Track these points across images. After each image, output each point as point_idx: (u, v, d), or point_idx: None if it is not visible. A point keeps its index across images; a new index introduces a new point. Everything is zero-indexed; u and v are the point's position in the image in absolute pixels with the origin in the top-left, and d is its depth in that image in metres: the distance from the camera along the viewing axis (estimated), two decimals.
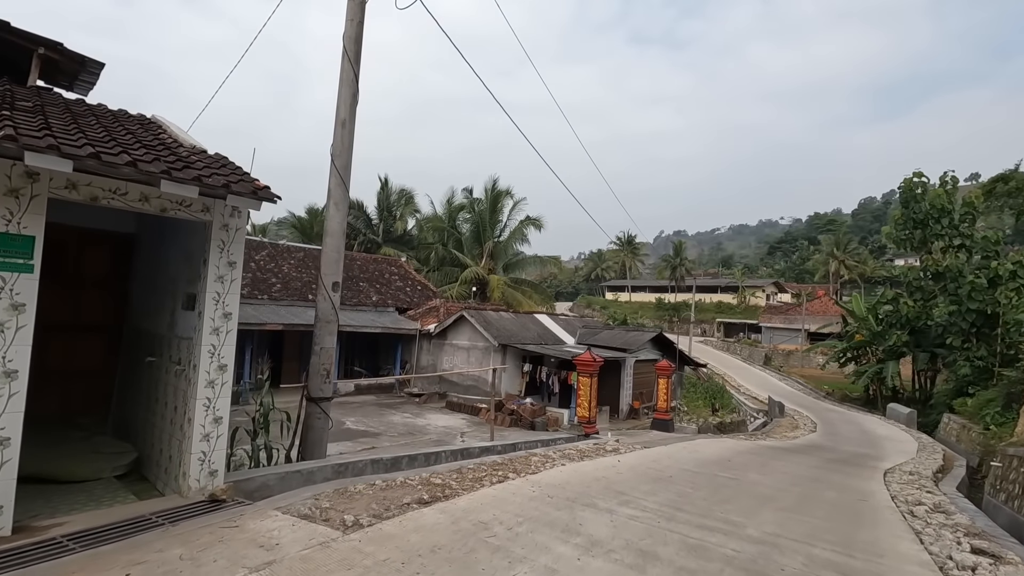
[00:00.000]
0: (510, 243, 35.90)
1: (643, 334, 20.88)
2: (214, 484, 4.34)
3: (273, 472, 5.07)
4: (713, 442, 12.92)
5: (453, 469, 6.05)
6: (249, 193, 4.11)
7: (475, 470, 6.12)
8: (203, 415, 4.28)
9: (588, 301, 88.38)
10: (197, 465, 4.27)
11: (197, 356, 4.29)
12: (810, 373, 43.66)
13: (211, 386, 4.32)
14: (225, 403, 4.42)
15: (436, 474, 5.73)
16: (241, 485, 4.66)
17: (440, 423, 16.29)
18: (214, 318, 4.32)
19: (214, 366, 4.34)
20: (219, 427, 4.38)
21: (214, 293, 4.32)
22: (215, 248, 4.33)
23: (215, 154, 5.05)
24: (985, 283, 25.94)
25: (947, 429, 24.54)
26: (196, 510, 3.98)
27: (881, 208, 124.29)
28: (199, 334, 4.31)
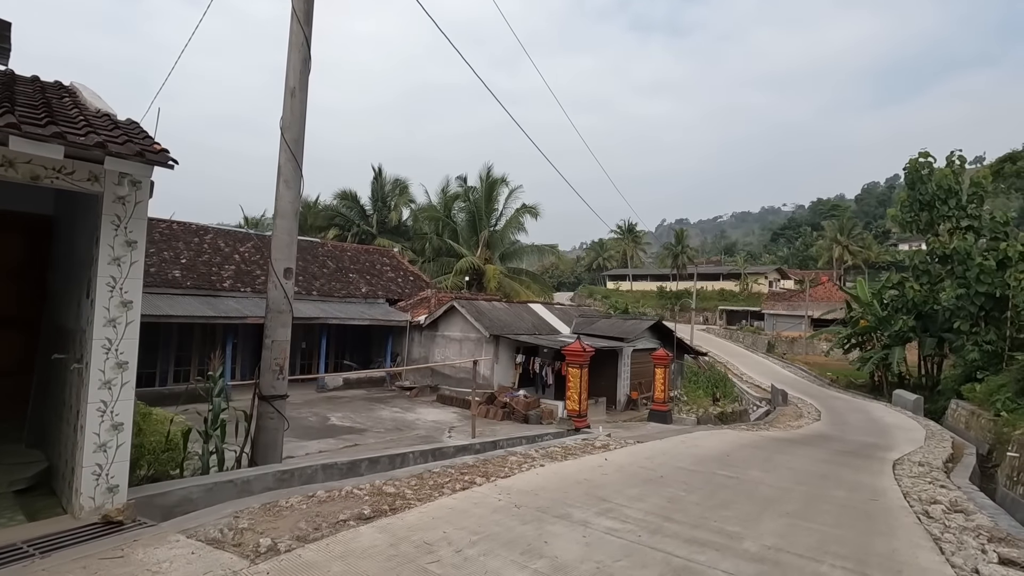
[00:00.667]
0: (506, 232, 35.16)
1: (641, 322, 20.19)
2: (113, 502, 3.72)
3: (198, 483, 4.44)
4: (713, 434, 12.29)
5: (415, 474, 5.41)
6: (134, 155, 3.44)
7: (440, 475, 5.48)
8: (97, 421, 3.65)
9: (589, 291, 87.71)
10: (91, 480, 3.64)
11: (89, 352, 3.65)
12: (814, 360, 42.98)
13: (107, 387, 3.69)
14: (127, 407, 3.78)
15: (393, 481, 5.09)
16: (156, 500, 4.03)
17: (430, 418, 15.69)
18: (109, 307, 3.68)
19: (110, 364, 3.70)
20: (119, 435, 3.74)
21: (108, 278, 3.67)
22: (108, 225, 3.67)
23: (126, 120, 4.37)
24: (994, 265, 25.13)
25: (955, 416, 23.87)
26: (83, 535, 3.36)
27: (885, 193, 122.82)
28: (91, 326, 3.66)
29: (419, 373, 19.80)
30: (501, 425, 15.00)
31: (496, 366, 17.76)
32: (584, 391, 10.61)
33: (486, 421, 15.77)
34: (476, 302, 19.32)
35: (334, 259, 23.53)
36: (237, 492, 4.56)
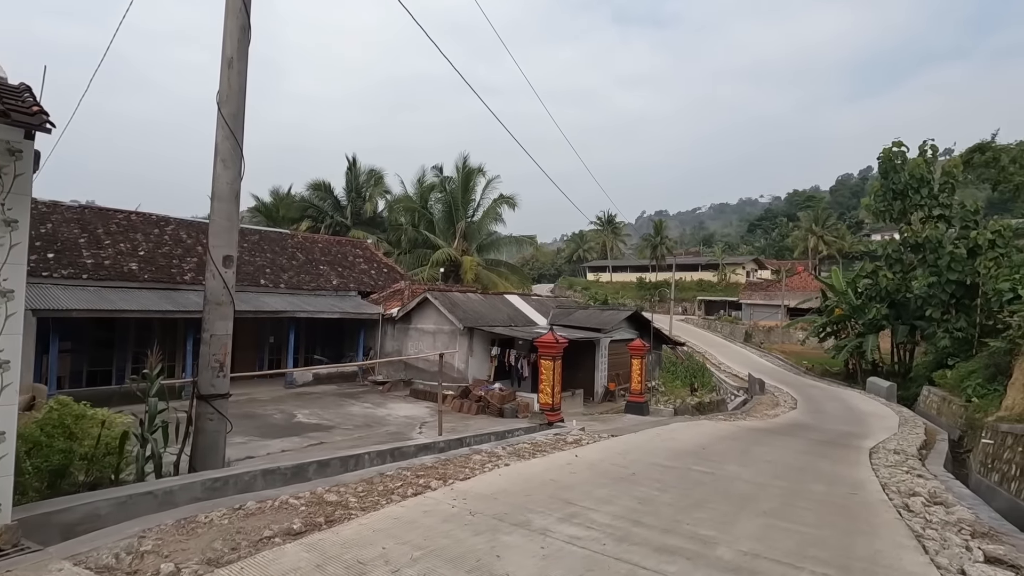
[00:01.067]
0: (484, 223, 34.64)
1: (618, 313, 19.92)
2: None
3: (107, 498, 3.93)
4: (690, 426, 12.05)
5: (365, 479, 4.95)
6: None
7: (393, 478, 5.03)
8: None
9: (569, 282, 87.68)
10: None
11: None
12: (790, 349, 43.44)
13: None
14: (8, 413, 3.25)
15: (338, 487, 4.63)
16: (55, 519, 3.53)
17: (402, 413, 15.20)
18: None
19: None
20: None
21: None
22: None
23: (19, 84, 3.80)
24: (964, 253, 25.47)
25: (927, 402, 24.19)
26: None
27: (858, 184, 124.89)
28: None
29: (392, 367, 19.28)
30: (475, 420, 14.60)
31: (471, 359, 17.32)
32: (557, 384, 10.24)
33: (460, 416, 15.35)
34: (450, 294, 18.83)
35: (304, 251, 22.78)
36: (157, 505, 4.06)
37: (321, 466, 5.41)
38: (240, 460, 9.54)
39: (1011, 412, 10.54)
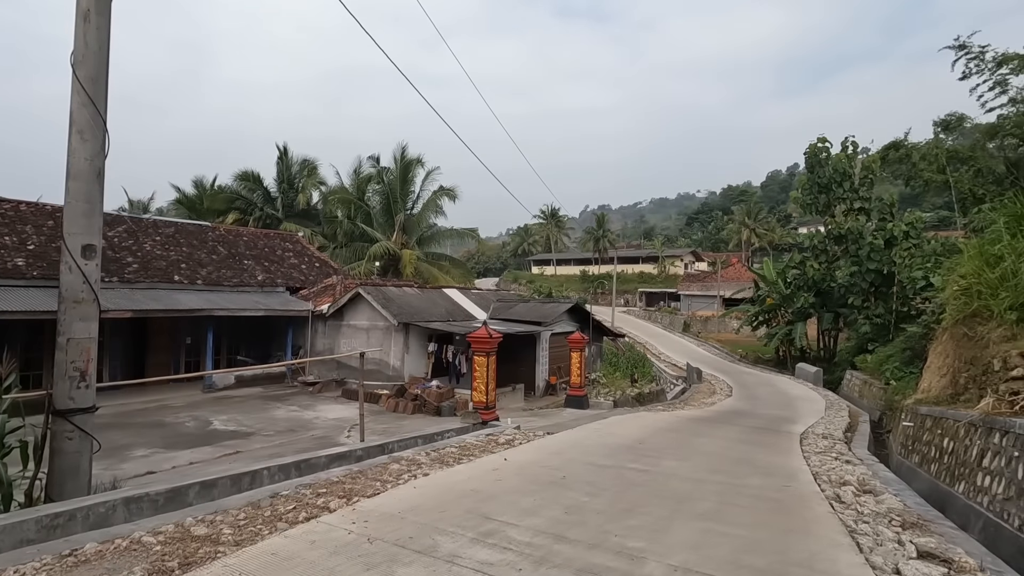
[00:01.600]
0: (424, 215, 33.69)
1: (559, 306, 19.69)
2: None
3: None
4: (628, 419, 11.89)
5: (253, 502, 4.26)
6: None
7: (287, 500, 4.36)
8: None
9: (514, 276, 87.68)
10: None
11: None
12: (726, 338, 45.01)
13: None
14: None
15: (216, 515, 3.92)
16: None
17: (331, 415, 14.30)
18: None
19: None
20: None
21: None
22: None
23: None
24: (882, 244, 26.95)
25: (850, 385, 25.48)
26: None
27: (786, 180, 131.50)
28: None
29: (324, 367, 18.24)
30: (410, 420, 13.93)
31: (407, 356, 16.58)
32: (492, 381, 9.76)
33: (395, 416, 14.63)
34: (384, 288, 17.96)
35: (227, 244, 21.21)
36: None
37: (205, 488, 4.65)
38: (133, 478, 8.50)
39: (928, 395, 10.94)
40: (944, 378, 10.65)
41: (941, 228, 42.22)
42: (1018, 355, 7.41)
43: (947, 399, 9.71)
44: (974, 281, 10.08)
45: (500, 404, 16.66)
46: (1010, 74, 26.11)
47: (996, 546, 5.24)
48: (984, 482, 6.03)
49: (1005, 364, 7.54)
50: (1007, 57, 25.83)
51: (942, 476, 7.57)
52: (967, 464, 6.69)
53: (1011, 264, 9.40)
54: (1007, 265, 9.54)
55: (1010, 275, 9.20)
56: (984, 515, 5.73)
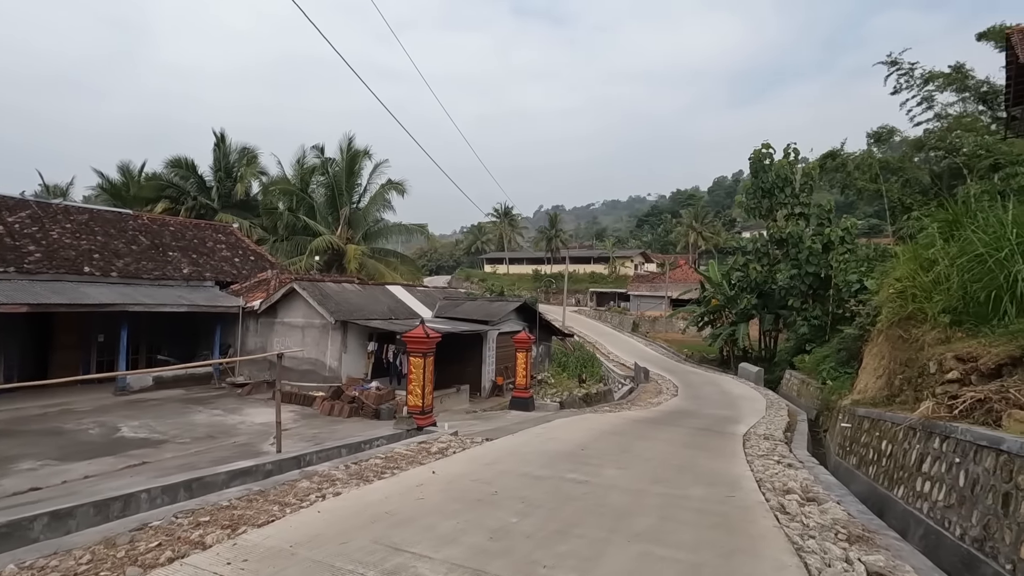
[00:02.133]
0: (371, 209, 32.51)
1: (506, 304, 19.21)
2: None
3: None
4: (573, 421, 11.52)
5: (109, 538, 3.50)
6: None
7: (155, 532, 3.63)
8: None
9: (467, 274, 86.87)
10: None
11: None
12: (672, 337, 45.86)
13: None
14: None
15: (53, 557, 3.16)
16: None
17: (259, 419, 13.25)
18: None
19: None
20: None
21: None
22: None
23: None
24: (820, 248, 27.93)
25: (789, 384, 26.26)
26: None
27: (732, 185, 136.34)
28: None
29: (256, 367, 17.05)
30: (345, 424, 13.07)
31: (344, 356, 15.67)
32: (428, 384, 9.12)
33: (329, 420, 13.73)
34: (322, 284, 16.95)
35: (150, 234, 19.57)
36: None
37: (57, 520, 3.84)
38: (12, 496, 7.39)
39: (864, 396, 11.08)
40: (880, 379, 10.83)
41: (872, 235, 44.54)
42: (953, 358, 7.45)
43: (883, 401, 9.82)
44: (909, 284, 10.25)
45: (444, 406, 16.03)
46: (936, 91, 27.54)
47: (937, 555, 5.10)
48: (924, 488, 5.92)
49: (941, 367, 7.57)
50: (933, 75, 27.22)
51: (880, 479, 7.52)
52: (906, 468, 6.62)
53: (944, 268, 9.59)
54: (940, 269, 9.74)
55: (943, 279, 9.36)
56: (925, 522, 5.61)
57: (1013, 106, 15.91)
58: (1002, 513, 4.38)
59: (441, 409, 15.64)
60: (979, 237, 8.76)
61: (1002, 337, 6.99)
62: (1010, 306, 7.18)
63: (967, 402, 5.90)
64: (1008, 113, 16.68)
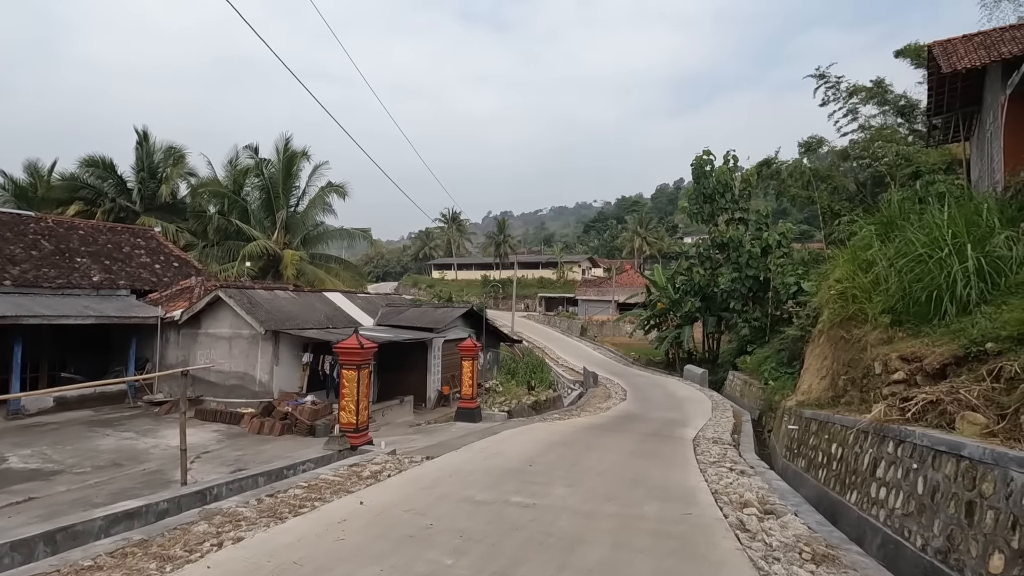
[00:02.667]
0: (310, 213, 31.01)
1: (452, 310, 18.51)
2: None
3: None
4: (521, 432, 10.99)
5: None
6: None
7: None
8: None
9: (414, 280, 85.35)
10: None
11: None
12: (620, 341, 46.33)
13: None
14: None
15: None
16: None
17: (175, 442, 11.92)
18: None
19: None
20: None
21: None
22: None
23: None
24: (759, 252, 28.78)
25: (732, 385, 26.83)
26: None
27: (674, 193, 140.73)
28: None
29: (177, 383, 15.56)
30: (275, 443, 12.01)
31: (276, 368, 14.53)
32: (364, 398, 8.35)
33: (258, 439, 12.61)
34: (251, 291, 15.72)
35: (54, 239, 17.66)
36: None
37: None
38: None
39: (808, 396, 11.13)
40: (824, 380, 10.90)
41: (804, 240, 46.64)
42: (898, 358, 7.42)
43: (828, 402, 9.83)
44: (848, 286, 10.36)
45: (386, 419, 15.15)
46: (860, 103, 29.07)
47: (897, 566, 4.87)
48: (879, 494, 5.74)
49: (886, 367, 7.53)
50: (857, 88, 28.72)
51: (831, 483, 7.39)
52: (859, 473, 6.47)
53: (882, 269, 9.73)
54: (878, 270, 9.87)
55: (883, 280, 9.48)
56: (882, 531, 5.40)
57: (934, 115, 16.73)
58: (966, 523, 4.16)
59: (383, 423, 14.77)
60: (917, 237, 8.88)
61: (944, 336, 6.96)
62: (950, 305, 7.19)
63: (919, 404, 5.76)
64: (929, 122, 17.52)
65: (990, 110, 14.22)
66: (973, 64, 13.02)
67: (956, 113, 16.57)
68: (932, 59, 14.95)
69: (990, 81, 14.61)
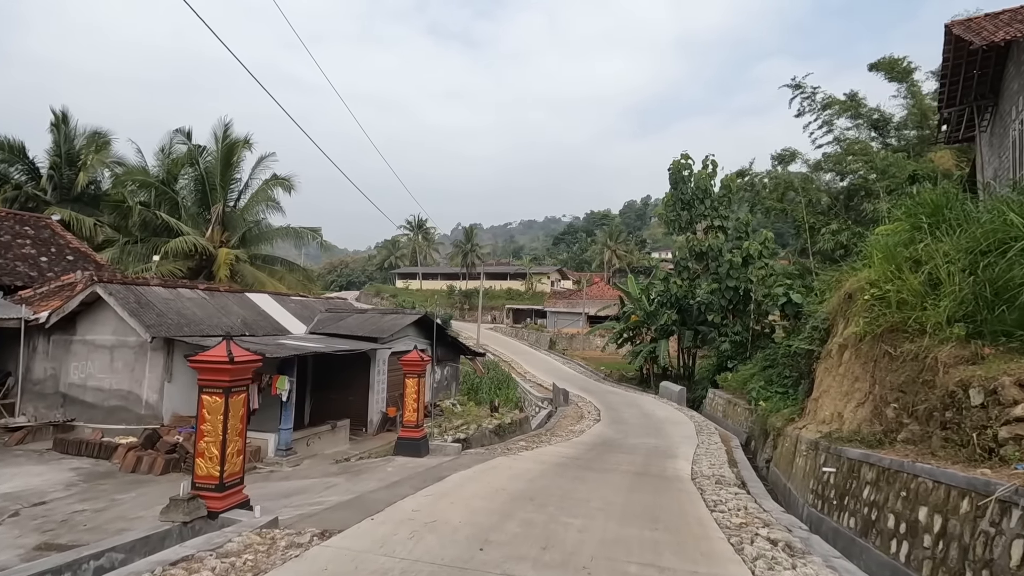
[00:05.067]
0: (251, 209, 27.74)
1: (402, 317, 15.72)
2: None
3: None
4: (475, 476, 8.32)
5: None
6: None
7: None
8: None
9: (377, 289, 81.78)
10: None
11: None
12: (591, 355, 44.12)
13: None
14: None
15: None
16: None
17: (7, 486, 8.79)
18: None
19: None
20: None
21: None
22: None
23: None
24: (740, 261, 26.99)
25: (713, 404, 24.70)
26: None
27: (642, 209, 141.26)
28: None
29: (45, 403, 12.29)
30: (148, 488, 8.97)
31: (169, 386, 11.46)
32: (235, 438, 5.54)
33: (130, 481, 9.54)
34: (145, 288, 12.59)
35: None
36: None
37: None
38: None
39: (839, 427, 8.85)
40: (861, 408, 8.63)
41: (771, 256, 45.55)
42: (1016, 384, 5.15)
43: (875, 437, 7.52)
44: (890, 288, 8.18)
45: (312, 449, 12.21)
46: (834, 116, 27.85)
47: None
48: None
49: (996, 397, 5.24)
50: (832, 101, 27.50)
51: (927, 570, 5.00)
52: (995, 570, 4.09)
53: (943, 267, 7.58)
54: (933, 268, 7.73)
55: (947, 280, 7.32)
56: None
57: (946, 108, 15.05)
58: None
59: (307, 454, 11.86)
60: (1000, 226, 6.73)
61: None
62: None
63: None
64: (941, 115, 15.81)
65: (1017, 97, 12.51)
66: (1013, 36, 11.26)
67: (971, 104, 14.95)
68: (951, 41, 13.18)
69: (1014, 66, 12.91)
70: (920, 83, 24.85)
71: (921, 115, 24.97)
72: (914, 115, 25.47)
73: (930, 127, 24.92)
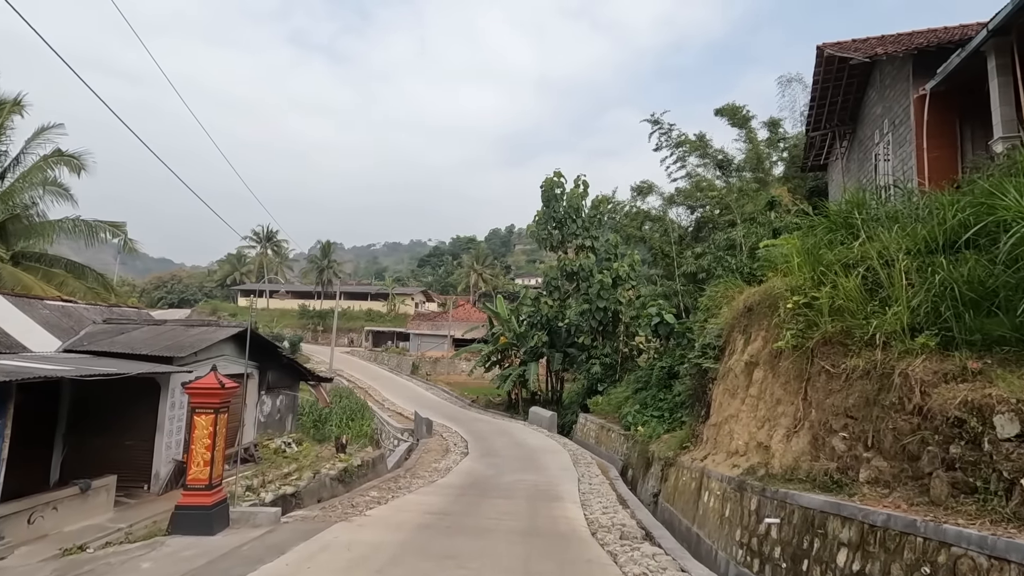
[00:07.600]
0: (20, 193, 21.06)
1: (214, 331, 11.72)
2: None
3: None
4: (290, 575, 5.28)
5: None
6: None
7: None
8: None
9: (214, 307, 71.00)
10: None
11: None
12: (456, 380, 41.55)
13: None
14: None
15: None
16: None
17: None
18: None
19: None
20: None
21: None
22: None
23: None
24: (611, 282, 26.60)
25: (585, 430, 23.42)
26: None
27: (506, 236, 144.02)
28: None
29: None
30: None
31: None
32: None
33: None
34: None
35: None
36: None
37: None
38: None
39: (767, 461, 7.38)
40: (796, 437, 7.20)
41: None
42: None
43: (827, 478, 5.98)
44: (819, 295, 6.94)
45: (34, 529, 7.94)
46: (687, 153, 29.23)
47: None
48: None
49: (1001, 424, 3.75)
50: (684, 140, 28.86)
51: None
52: None
53: (883, 269, 6.43)
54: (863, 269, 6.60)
55: (895, 282, 6.14)
56: None
57: (812, 131, 15.46)
58: None
59: (33, 535, 7.66)
60: None
61: None
62: None
63: None
64: (808, 139, 16.22)
65: (881, 120, 12.87)
66: (889, 52, 11.35)
67: (833, 129, 15.49)
68: (822, 63, 13.36)
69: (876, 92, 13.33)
70: (756, 130, 26.62)
71: (757, 159, 26.67)
72: (751, 159, 27.19)
73: (764, 170, 26.86)
